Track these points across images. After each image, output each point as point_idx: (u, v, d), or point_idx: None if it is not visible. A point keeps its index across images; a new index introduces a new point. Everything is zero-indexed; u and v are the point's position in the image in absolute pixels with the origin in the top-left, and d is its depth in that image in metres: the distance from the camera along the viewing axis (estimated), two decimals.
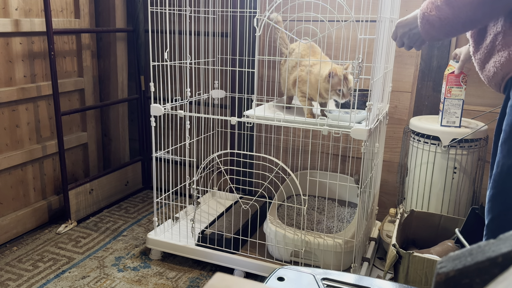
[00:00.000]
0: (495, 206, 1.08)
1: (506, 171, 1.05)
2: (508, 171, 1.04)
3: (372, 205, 1.95)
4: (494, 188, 1.08)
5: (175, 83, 2.41)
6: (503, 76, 1.06)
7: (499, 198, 1.07)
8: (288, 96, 1.88)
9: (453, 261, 0.43)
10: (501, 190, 1.06)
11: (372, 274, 1.88)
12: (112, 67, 2.57)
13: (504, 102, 1.11)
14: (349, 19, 1.90)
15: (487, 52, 1.09)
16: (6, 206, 2.09)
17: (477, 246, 0.43)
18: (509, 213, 1.07)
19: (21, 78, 2.11)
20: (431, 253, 1.50)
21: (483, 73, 1.14)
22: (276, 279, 0.87)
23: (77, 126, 2.50)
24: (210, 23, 2.27)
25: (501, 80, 1.08)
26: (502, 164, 1.05)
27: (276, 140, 2.36)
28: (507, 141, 1.05)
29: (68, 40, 2.35)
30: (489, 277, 0.40)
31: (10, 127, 2.08)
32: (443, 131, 1.75)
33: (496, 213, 1.09)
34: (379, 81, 1.60)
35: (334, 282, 0.88)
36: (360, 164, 1.58)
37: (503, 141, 1.06)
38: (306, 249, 1.72)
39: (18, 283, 1.77)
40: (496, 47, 1.06)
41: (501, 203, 1.07)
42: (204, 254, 1.86)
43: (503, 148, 1.05)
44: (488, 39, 1.08)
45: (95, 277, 1.83)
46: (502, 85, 1.09)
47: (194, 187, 1.88)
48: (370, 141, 1.59)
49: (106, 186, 2.47)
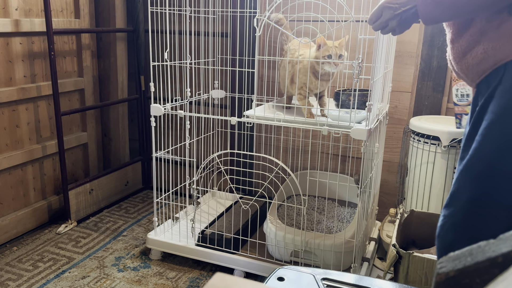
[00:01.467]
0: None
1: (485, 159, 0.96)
2: (490, 159, 0.96)
3: (372, 205, 1.95)
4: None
5: (175, 83, 2.40)
6: (494, 63, 0.97)
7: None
8: (288, 96, 1.88)
9: (453, 261, 0.43)
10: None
11: (372, 274, 1.88)
12: (112, 67, 2.57)
13: (492, 89, 0.99)
14: (349, 19, 1.90)
15: (473, 39, 1.00)
16: (6, 206, 2.09)
17: (477, 246, 0.43)
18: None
19: (21, 78, 2.11)
20: (431, 253, 1.50)
21: (463, 61, 1.04)
22: (276, 279, 0.87)
23: (77, 126, 2.50)
24: (210, 23, 2.27)
25: (490, 68, 0.99)
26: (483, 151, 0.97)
27: (276, 140, 2.36)
28: (494, 125, 0.96)
29: (68, 40, 2.35)
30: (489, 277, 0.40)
31: (10, 127, 2.08)
32: (443, 131, 1.75)
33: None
34: (379, 81, 1.61)
35: (334, 282, 0.88)
36: (360, 164, 1.58)
37: (490, 124, 0.96)
38: (306, 249, 1.72)
39: (18, 283, 1.77)
40: (487, 34, 0.98)
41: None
42: (204, 254, 1.86)
43: (491, 131, 0.96)
44: (476, 26, 1.00)
45: (95, 277, 1.83)
46: (486, 73, 1.00)
47: (194, 187, 1.88)
48: (370, 141, 1.59)
49: (106, 186, 2.47)
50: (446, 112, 2.05)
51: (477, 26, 1.00)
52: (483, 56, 0.98)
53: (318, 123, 1.61)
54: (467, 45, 1.01)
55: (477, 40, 0.99)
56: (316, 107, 1.73)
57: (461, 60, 1.04)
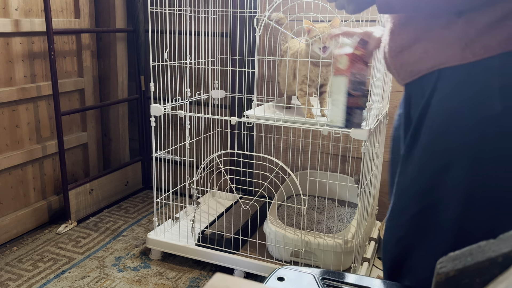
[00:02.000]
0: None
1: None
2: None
3: (372, 205, 1.95)
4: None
5: (175, 83, 2.40)
6: (432, 65, 0.89)
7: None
8: (288, 96, 1.88)
9: (453, 261, 0.43)
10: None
11: (372, 274, 1.88)
12: (112, 67, 2.57)
13: (428, 96, 0.90)
14: (349, 19, 1.90)
15: (415, 36, 0.92)
16: (6, 206, 2.09)
17: (477, 246, 0.43)
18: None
19: (21, 78, 2.11)
20: None
21: (398, 56, 0.95)
22: (276, 279, 0.87)
23: (77, 126, 2.50)
24: (210, 23, 2.27)
25: (426, 70, 0.90)
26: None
27: (276, 140, 2.36)
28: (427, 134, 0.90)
29: (68, 40, 2.35)
30: (489, 277, 0.40)
31: (10, 127, 2.08)
32: None
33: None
34: (379, 81, 1.61)
35: (334, 282, 0.88)
36: (360, 164, 1.58)
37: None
38: (306, 249, 1.72)
39: (18, 283, 1.77)
40: (432, 32, 0.89)
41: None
42: (204, 254, 1.86)
43: (434, 146, 0.90)
44: (422, 22, 0.91)
45: (95, 277, 1.83)
46: (420, 74, 0.92)
47: (194, 187, 1.88)
48: (370, 141, 1.59)
49: (106, 186, 2.47)
50: None
51: (423, 22, 0.91)
52: (422, 56, 0.90)
53: (318, 123, 1.61)
54: (407, 40, 0.93)
55: (419, 37, 0.91)
56: (316, 107, 1.73)
57: (397, 55, 0.96)
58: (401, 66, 0.95)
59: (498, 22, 0.82)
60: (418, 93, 0.93)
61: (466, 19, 0.84)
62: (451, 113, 0.87)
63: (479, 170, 0.85)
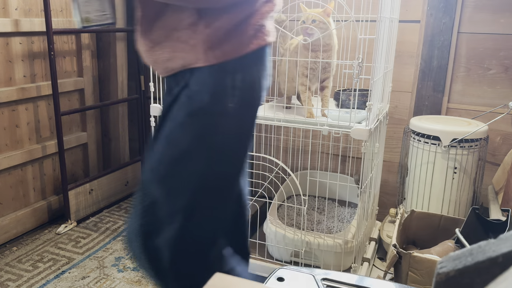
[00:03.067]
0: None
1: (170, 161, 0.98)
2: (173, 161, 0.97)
3: (372, 205, 1.95)
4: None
5: None
6: (183, 65, 0.94)
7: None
8: (288, 96, 1.87)
9: (453, 261, 0.43)
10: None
11: (372, 274, 1.88)
12: (112, 67, 2.57)
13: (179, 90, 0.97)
14: (349, 19, 1.90)
15: (164, 33, 0.95)
16: (6, 206, 2.08)
17: (477, 246, 0.43)
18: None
19: (21, 78, 2.10)
20: (432, 253, 1.50)
21: (151, 52, 0.99)
22: (276, 279, 0.87)
23: (77, 126, 2.50)
24: None
25: (178, 68, 0.96)
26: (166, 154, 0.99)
27: (276, 140, 2.36)
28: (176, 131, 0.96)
29: (68, 40, 2.35)
30: (489, 277, 0.40)
31: (10, 127, 2.08)
32: (443, 131, 1.75)
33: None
34: (379, 81, 1.60)
35: (334, 283, 0.88)
36: (360, 164, 1.58)
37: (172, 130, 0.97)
38: (306, 249, 1.72)
39: (18, 283, 1.77)
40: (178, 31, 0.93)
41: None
42: None
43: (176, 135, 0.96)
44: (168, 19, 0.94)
45: (95, 277, 1.83)
46: (174, 71, 0.97)
47: None
48: (370, 141, 1.59)
49: (106, 186, 2.47)
50: (446, 112, 2.05)
51: (169, 20, 0.94)
52: (171, 55, 0.95)
53: (318, 123, 1.61)
54: (158, 37, 0.96)
55: (167, 35, 0.95)
56: (316, 107, 1.73)
57: (150, 51, 0.99)
58: (156, 63, 1.00)
59: (233, 30, 0.92)
60: (173, 85, 1.00)
61: (206, 23, 0.91)
62: (196, 108, 0.94)
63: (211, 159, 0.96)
